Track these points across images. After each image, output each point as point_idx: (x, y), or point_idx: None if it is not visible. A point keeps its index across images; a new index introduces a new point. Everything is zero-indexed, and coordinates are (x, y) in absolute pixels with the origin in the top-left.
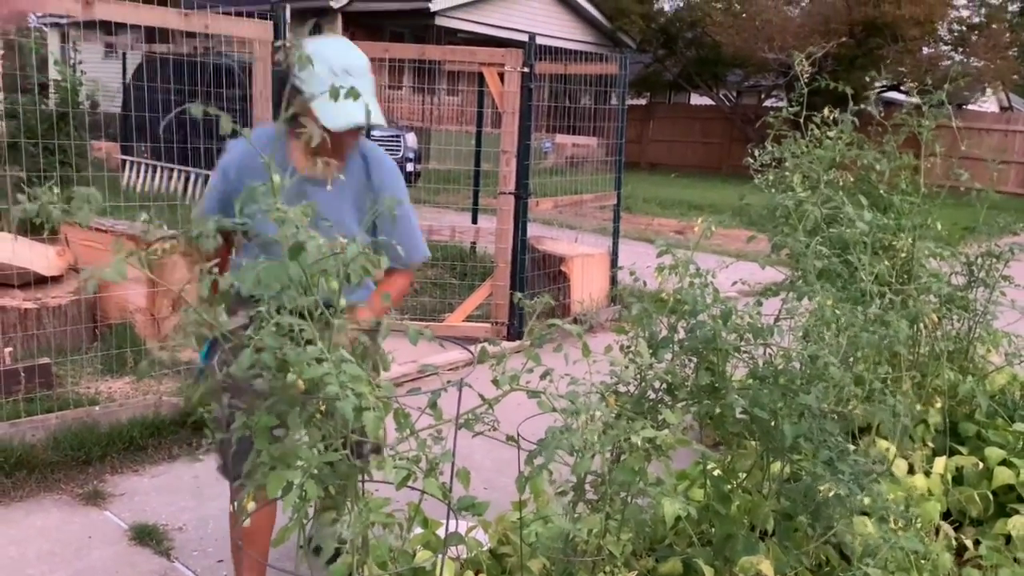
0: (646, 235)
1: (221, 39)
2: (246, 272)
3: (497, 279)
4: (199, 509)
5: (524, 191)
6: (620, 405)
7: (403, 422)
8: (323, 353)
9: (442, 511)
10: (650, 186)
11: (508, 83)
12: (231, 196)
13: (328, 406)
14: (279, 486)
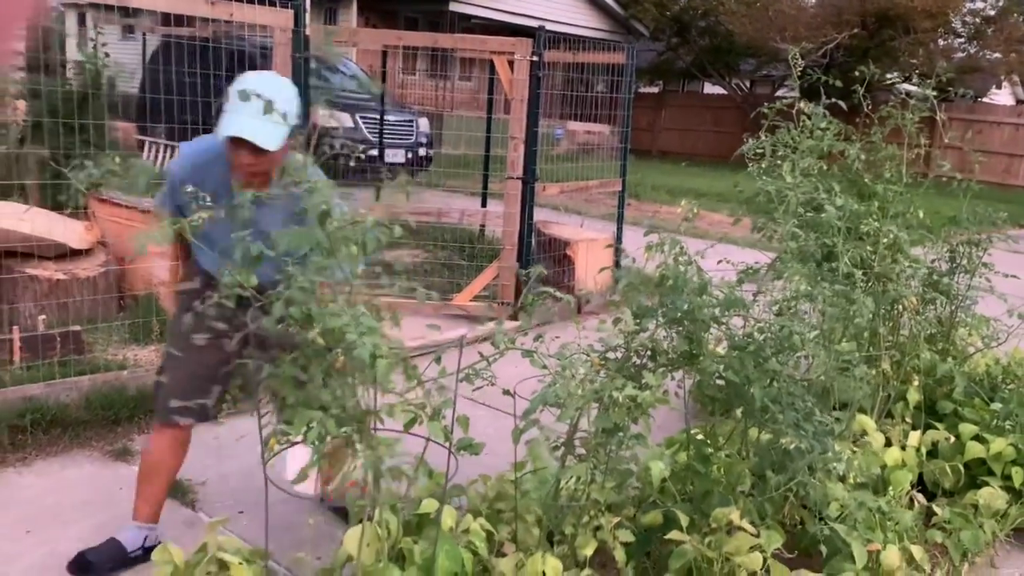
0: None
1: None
2: (281, 237)
3: (503, 261)
4: (219, 466)
5: (531, 176)
6: (605, 368)
7: (411, 373)
8: (344, 309)
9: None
10: (660, 174)
11: (517, 71)
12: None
13: (346, 355)
14: (302, 425)
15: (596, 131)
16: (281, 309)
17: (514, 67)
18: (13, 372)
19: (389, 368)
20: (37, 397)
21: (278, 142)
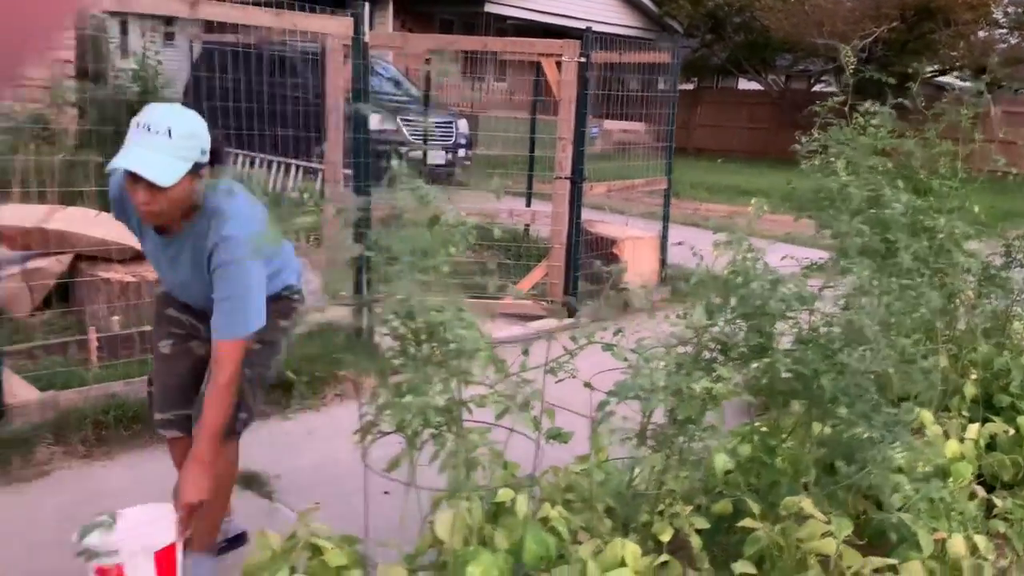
0: (693, 220)
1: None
2: (390, 237)
3: (552, 260)
4: (292, 460)
5: (579, 176)
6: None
7: (500, 365)
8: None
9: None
10: (697, 171)
11: (565, 72)
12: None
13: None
14: (402, 414)
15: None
16: (392, 307)
17: (562, 68)
18: (93, 371)
19: (487, 359)
20: (118, 394)
21: (173, 177)
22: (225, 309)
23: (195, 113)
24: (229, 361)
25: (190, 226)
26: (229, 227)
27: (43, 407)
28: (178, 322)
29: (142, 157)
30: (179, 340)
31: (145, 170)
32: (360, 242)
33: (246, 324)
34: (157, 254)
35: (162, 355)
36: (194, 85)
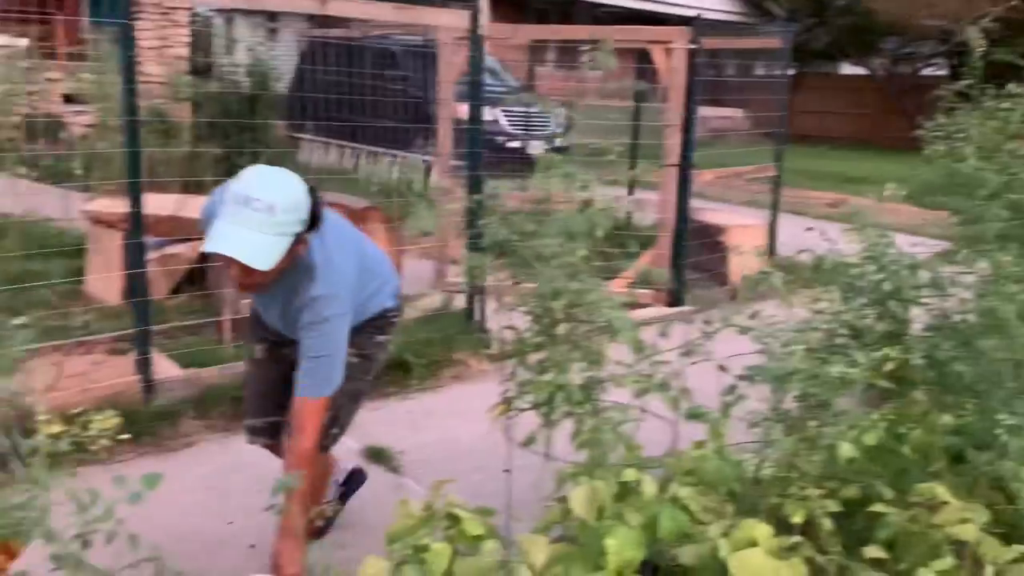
0: (798, 208)
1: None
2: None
3: (659, 248)
4: (415, 437)
5: (687, 163)
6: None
7: (641, 346)
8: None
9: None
10: (799, 158)
11: (674, 59)
12: None
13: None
14: (544, 392)
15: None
16: (543, 287)
17: (671, 55)
18: (227, 351)
19: (635, 336)
20: (240, 376)
21: (272, 259)
22: (312, 368)
23: (297, 179)
24: (311, 422)
25: (282, 281)
26: (318, 287)
27: (186, 383)
28: (271, 331)
29: (240, 238)
30: (272, 346)
31: (244, 255)
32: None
33: (331, 383)
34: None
35: (255, 360)
36: (299, 79)
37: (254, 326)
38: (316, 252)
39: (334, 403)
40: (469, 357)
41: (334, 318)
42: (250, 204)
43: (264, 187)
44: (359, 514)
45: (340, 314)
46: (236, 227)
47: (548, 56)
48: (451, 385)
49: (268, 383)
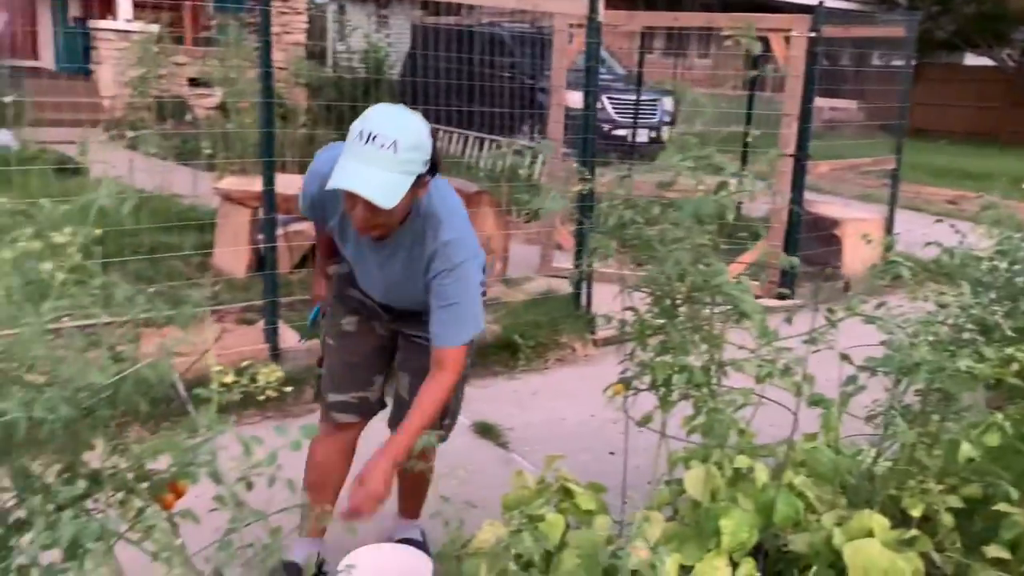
0: (915, 204)
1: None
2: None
3: (770, 239)
4: (522, 415)
5: (803, 153)
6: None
7: (766, 331)
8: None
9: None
10: (916, 152)
11: (793, 48)
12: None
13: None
14: (665, 372)
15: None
16: (673, 269)
17: (789, 43)
18: None
19: (762, 319)
20: None
21: (397, 196)
22: (448, 317)
23: (419, 118)
24: (453, 367)
25: (404, 231)
26: (446, 232)
27: (309, 352)
28: (361, 303)
29: (365, 176)
30: (363, 319)
31: (369, 191)
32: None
33: (469, 329)
34: (363, 256)
35: (344, 332)
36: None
37: (343, 298)
38: (435, 198)
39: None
40: (575, 341)
41: (466, 262)
42: (374, 141)
43: (387, 124)
44: (468, 486)
45: (471, 258)
46: (360, 164)
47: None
48: (557, 368)
49: (358, 356)
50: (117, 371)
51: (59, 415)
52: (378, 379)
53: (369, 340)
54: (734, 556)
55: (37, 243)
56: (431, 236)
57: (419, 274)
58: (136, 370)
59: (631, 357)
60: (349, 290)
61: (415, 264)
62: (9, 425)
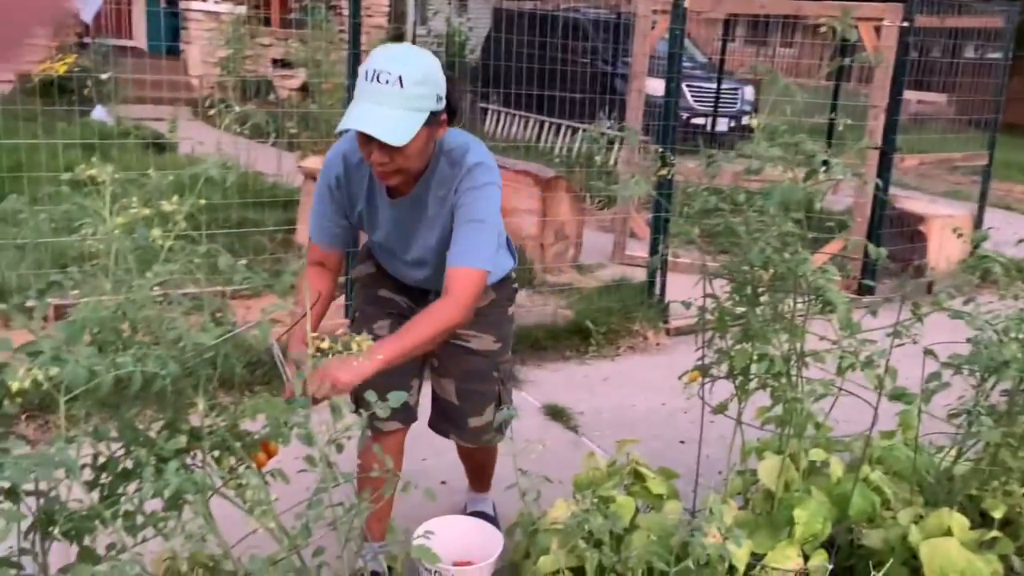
0: (1005, 202)
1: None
2: (774, 193)
3: (853, 233)
4: (592, 400)
5: (890, 147)
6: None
7: (850, 322)
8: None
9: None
10: (1009, 150)
11: (884, 38)
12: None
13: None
14: (744, 360)
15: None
16: (757, 257)
17: (880, 33)
18: None
19: (847, 310)
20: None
21: (408, 133)
22: (466, 234)
23: (428, 53)
24: (463, 294)
25: (429, 177)
26: (473, 156)
27: None
28: (394, 303)
29: (372, 114)
30: (396, 321)
31: (377, 130)
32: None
33: (486, 253)
34: (397, 224)
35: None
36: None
37: (372, 301)
38: (457, 137)
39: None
40: (647, 329)
41: (492, 186)
42: (379, 78)
43: (391, 60)
44: (538, 465)
45: (497, 185)
46: (368, 104)
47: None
48: (628, 355)
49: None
50: (220, 333)
51: (169, 371)
52: (415, 382)
53: None
54: (805, 547)
55: (146, 211)
56: (457, 165)
57: (446, 219)
58: (237, 333)
59: (709, 345)
60: (379, 291)
61: (446, 205)
62: (123, 378)
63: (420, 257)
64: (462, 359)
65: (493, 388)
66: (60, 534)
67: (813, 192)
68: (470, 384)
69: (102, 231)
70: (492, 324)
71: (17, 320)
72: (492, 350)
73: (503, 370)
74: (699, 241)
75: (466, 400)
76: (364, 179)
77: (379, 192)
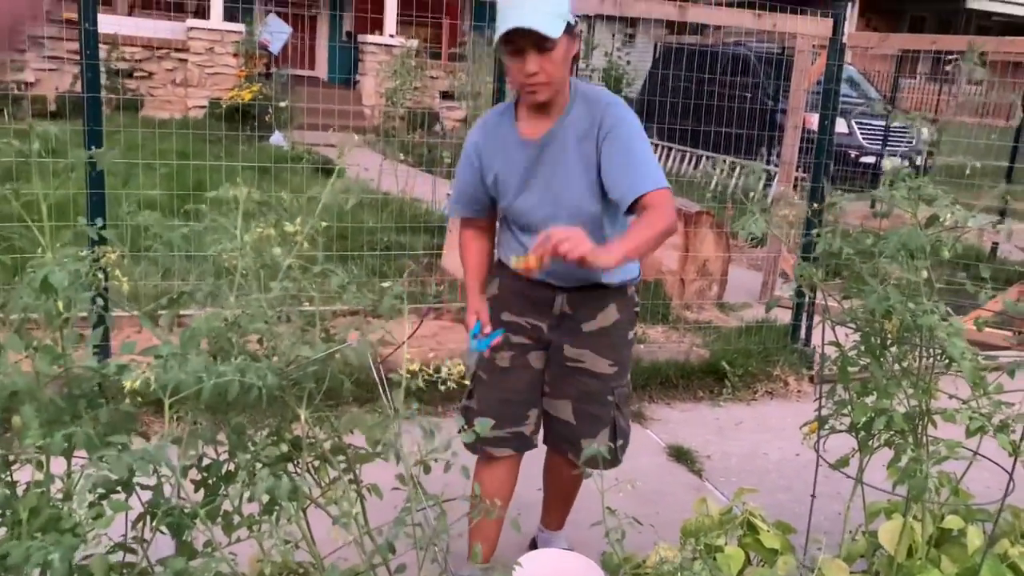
0: None
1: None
2: (889, 238)
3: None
4: (722, 444)
5: None
6: None
7: (979, 382)
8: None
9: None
10: None
11: None
12: (482, 176)
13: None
14: (863, 415)
15: None
16: (874, 303)
17: None
18: None
19: (975, 371)
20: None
21: (557, 28)
22: (634, 161)
23: None
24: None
25: (565, 119)
26: (607, 96)
27: None
28: (517, 328)
29: (523, 16)
30: (519, 352)
31: (534, 22)
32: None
33: (661, 173)
34: (525, 175)
35: (497, 367)
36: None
37: (495, 325)
38: (590, 85)
39: (612, 412)
40: (788, 375)
41: (634, 121)
42: None
43: None
44: (654, 505)
45: (636, 121)
46: (515, 9)
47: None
48: (765, 400)
49: (515, 392)
50: (325, 349)
51: (267, 383)
52: (533, 412)
53: (524, 375)
54: None
55: (272, 231)
56: (594, 103)
57: (591, 157)
58: (340, 350)
59: (831, 394)
60: (502, 314)
61: (588, 141)
62: (223, 386)
63: (551, 213)
64: (578, 380)
65: (608, 412)
66: (163, 527)
67: (938, 239)
68: (585, 405)
69: (232, 247)
70: (611, 347)
71: (146, 326)
72: (608, 374)
73: (618, 395)
74: (820, 285)
75: (582, 420)
76: (501, 134)
77: (515, 142)
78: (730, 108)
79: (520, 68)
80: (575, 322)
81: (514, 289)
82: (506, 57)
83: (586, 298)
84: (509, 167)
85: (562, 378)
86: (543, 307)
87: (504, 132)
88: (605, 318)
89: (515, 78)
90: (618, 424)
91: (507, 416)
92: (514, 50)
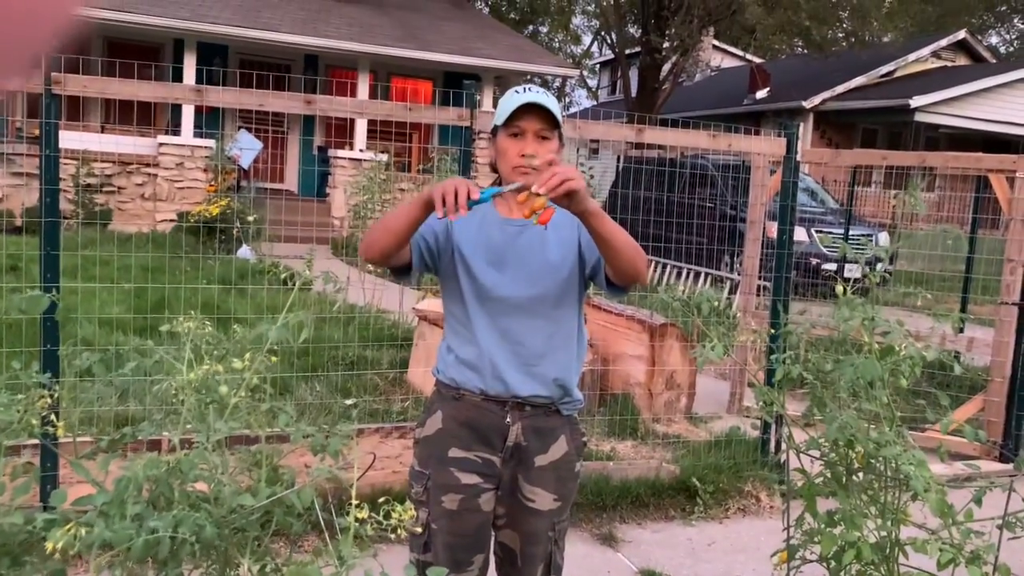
0: None
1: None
2: (836, 364)
3: (991, 394)
4: (695, 567)
5: None
6: None
7: (947, 511)
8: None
9: None
10: None
11: (1018, 190)
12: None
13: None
14: (832, 546)
15: None
16: (834, 432)
17: (1015, 185)
18: None
19: (941, 502)
20: None
21: (560, 118)
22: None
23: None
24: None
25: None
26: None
27: None
28: (467, 464)
29: (539, 98)
30: (468, 495)
31: (547, 102)
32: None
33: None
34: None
35: (446, 512)
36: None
37: (442, 463)
38: None
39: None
40: (760, 490)
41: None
42: (531, 89)
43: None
44: None
45: None
46: (530, 94)
47: (872, 177)
48: (737, 518)
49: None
50: (269, 495)
51: (203, 536)
52: (479, 558)
53: (472, 520)
54: None
55: (219, 367)
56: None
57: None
58: (283, 496)
59: (799, 523)
60: (450, 451)
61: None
62: (153, 542)
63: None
64: (526, 519)
65: (546, 549)
66: None
67: (899, 367)
68: (529, 547)
69: (178, 384)
70: (558, 480)
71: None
72: (551, 509)
73: (559, 530)
74: (782, 409)
75: (527, 563)
76: (481, 209)
77: (495, 219)
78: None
79: (518, 149)
80: (528, 454)
81: (460, 419)
82: (505, 139)
83: (540, 429)
84: (481, 239)
85: (513, 513)
86: (495, 437)
87: (483, 208)
88: (556, 450)
89: (510, 159)
90: (553, 560)
91: (466, 547)
92: (516, 132)
